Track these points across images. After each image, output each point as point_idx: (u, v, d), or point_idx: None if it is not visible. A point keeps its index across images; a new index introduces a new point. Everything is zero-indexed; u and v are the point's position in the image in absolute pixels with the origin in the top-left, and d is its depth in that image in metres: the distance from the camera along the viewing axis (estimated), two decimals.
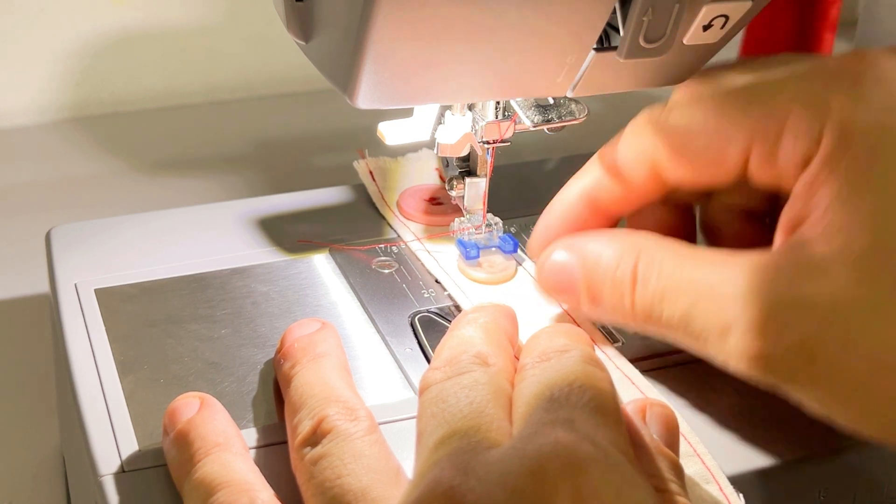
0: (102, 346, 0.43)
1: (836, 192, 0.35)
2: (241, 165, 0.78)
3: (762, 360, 0.35)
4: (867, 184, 0.34)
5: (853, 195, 0.34)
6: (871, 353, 0.34)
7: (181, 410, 0.38)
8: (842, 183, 0.35)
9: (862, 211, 0.34)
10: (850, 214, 0.34)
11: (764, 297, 0.35)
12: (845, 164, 0.35)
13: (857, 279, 0.34)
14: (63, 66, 0.83)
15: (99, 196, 0.74)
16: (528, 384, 0.35)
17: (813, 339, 0.34)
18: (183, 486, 0.36)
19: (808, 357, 0.35)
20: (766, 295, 0.35)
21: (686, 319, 0.37)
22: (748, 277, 0.36)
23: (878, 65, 0.36)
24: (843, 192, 0.35)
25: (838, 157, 0.35)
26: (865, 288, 0.34)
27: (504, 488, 0.30)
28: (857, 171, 0.35)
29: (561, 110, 0.47)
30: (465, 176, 0.49)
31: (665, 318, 0.38)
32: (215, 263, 0.49)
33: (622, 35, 0.40)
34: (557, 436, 0.31)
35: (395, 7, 0.36)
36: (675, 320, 0.38)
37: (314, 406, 0.37)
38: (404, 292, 0.47)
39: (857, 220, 0.34)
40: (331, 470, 0.34)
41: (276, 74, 0.89)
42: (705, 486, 0.37)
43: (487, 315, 0.40)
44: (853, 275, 0.34)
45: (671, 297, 0.38)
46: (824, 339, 0.34)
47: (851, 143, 0.35)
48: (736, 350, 0.36)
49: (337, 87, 0.41)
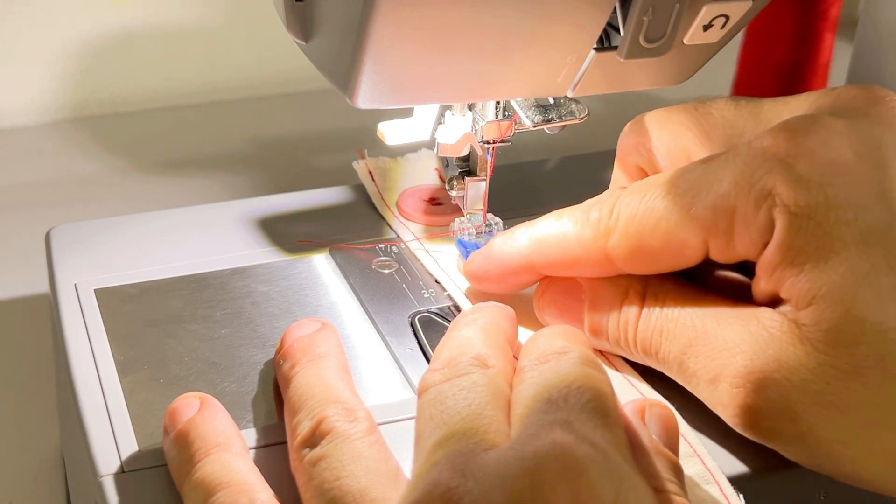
0: (102, 347, 0.43)
1: (799, 270, 0.36)
2: (241, 165, 0.78)
3: (748, 412, 0.37)
4: (827, 259, 0.36)
5: (816, 271, 0.36)
6: (852, 413, 0.35)
7: (181, 410, 0.38)
8: (804, 261, 0.36)
9: (827, 284, 0.35)
10: (817, 289, 0.36)
11: (751, 355, 0.37)
12: (801, 243, 0.36)
13: (833, 351, 0.35)
14: (63, 66, 0.83)
15: (99, 196, 0.74)
16: (527, 386, 0.35)
17: (796, 398, 0.36)
18: (183, 485, 0.36)
19: (791, 416, 0.36)
20: (754, 353, 0.36)
21: (681, 360, 0.39)
22: (739, 332, 0.37)
23: (808, 139, 0.37)
24: (808, 268, 0.36)
25: (791, 239, 0.36)
26: (843, 357, 0.35)
27: (502, 490, 0.30)
28: (815, 248, 0.36)
29: (561, 110, 0.47)
30: (465, 176, 0.49)
31: (662, 355, 0.40)
32: (215, 263, 0.49)
33: (622, 35, 0.39)
34: (555, 437, 0.31)
35: (395, 7, 0.36)
36: (670, 358, 0.39)
37: (313, 407, 0.37)
38: (404, 292, 0.47)
39: (824, 293, 0.35)
40: (330, 471, 0.34)
41: (276, 74, 0.89)
42: (705, 486, 0.37)
43: (486, 316, 0.40)
44: (830, 347, 0.35)
45: (670, 335, 0.39)
46: (805, 399, 0.36)
47: (801, 226, 0.36)
48: (723, 400, 0.38)
49: (337, 87, 0.41)
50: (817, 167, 0.36)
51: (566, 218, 0.42)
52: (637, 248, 0.40)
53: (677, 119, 0.42)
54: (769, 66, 0.74)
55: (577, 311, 0.42)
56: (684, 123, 0.42)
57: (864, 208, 0.36)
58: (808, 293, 0.36)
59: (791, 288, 0.36)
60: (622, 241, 0.40)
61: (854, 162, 0.37)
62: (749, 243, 0.37)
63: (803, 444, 0.37)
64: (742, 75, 0.76)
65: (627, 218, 0.40)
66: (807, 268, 0.36)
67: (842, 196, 0.36)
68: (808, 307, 0.36)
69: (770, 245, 0.37)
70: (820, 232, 0.36)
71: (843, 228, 0.36)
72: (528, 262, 0.43)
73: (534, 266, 0.43)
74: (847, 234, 0.36)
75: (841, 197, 0.36)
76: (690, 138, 0.42)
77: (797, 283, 0.36)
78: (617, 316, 0.41)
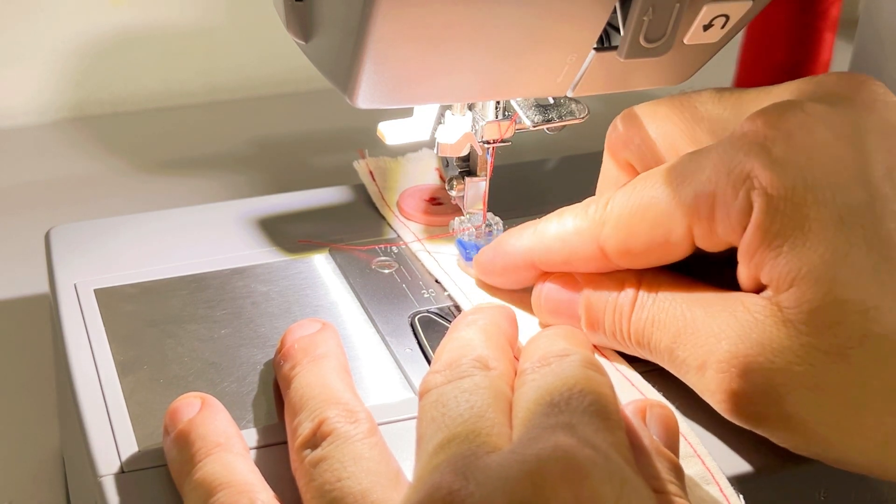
0: (102, 347, 0.43)
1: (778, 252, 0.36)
2: (241, 165, 0.78)
3: (733, 397, 0.37)
4: (805, 240, 0.36)
5: (794, 253, 0.36)
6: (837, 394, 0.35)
7: (182, 410, 0.38)
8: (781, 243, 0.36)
9: (807, 265, 0.35)
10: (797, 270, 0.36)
11: (736, 340, 0.37)
12: (778, 226, 0.36)
13: (816, 333, 0.35)
14: (63, 66, 0.83)
15: (99, 196, 0.74)
16: (528, 389, 0.35)
17: (780, 381, 0.36)
18: (183, 485, 0.36)
19: (776, 399, 0.36)
20: (738, 338, 0.37)
21: (671, 348, 0.39)
22: (726, 319, 0.37)
23: (785, 122, 0.37)
24: (786, 250, 0.36)
25: (769, 222, 0.36)
26: (826, 338, 0.35)
27: (504, 493, 0.30)
28: (793, 230, 0.36)
29: (561, 110, 0.47)
30: (465, 176, 0.49)
31: (654, 345, 0.40)
32: (215, 263, 0.49)
33: (622, 35, 0.39)
34: (557, 440, 0.31)
35: (395, 7, 0.36)
36: (661, 348, 0.39)
37: (314, 408, 0.37)
38: (404, 292, 0.47)
39: (804, 274, 0.35)
40: (331, 472, 0.34)
41: (276, 74, 0.89)
42: (706, 486, 0.37)
43: (487, 317, 0.40)
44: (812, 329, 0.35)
45: (661, 325, 0.39)
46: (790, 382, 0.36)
47: (779, 207, 0.36)
48: (710, 386, 0.38)
49: (337, 87, 0.41)
50: (794, 149, 0.36)
51: (567, 213, 0.43)
52: (627, 238, 0.40)
53: (664, 114, 0.43)
54: (769, 66, 0.74)
55: (573, 306, 0.43)
56: (670, 118, 0.43)
57: (843, 189, 0.36)
58: (787, 275, 0.36)
59: (771, 271, 0.36)
60: (613, 231, 0.40)
61: (832, 143, 0.37)
62: (730, 228, 0.37)
63: (789, 427, 0.37)
64: (742, 75, 0.76)
65: (619, 209, 0.40)
66: (784, 249, 0.36)
67: (819, 177, 0.36)
68: (789, 289, 0.36)
69: (749, 228, 0.37)
70: (797, 214, 0.36)
71: (821, 209, 0.36)
72: (529, 256, 0.44)
73: (534, 261, 0.43)
74: (825, 215, 0.36)
75: (818, 178, 0.36)
76: (678, 133, 0.42)
77: (777, 265, 0.36)
78: (613, 309, 0.41)
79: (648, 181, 0.40)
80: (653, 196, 0.39)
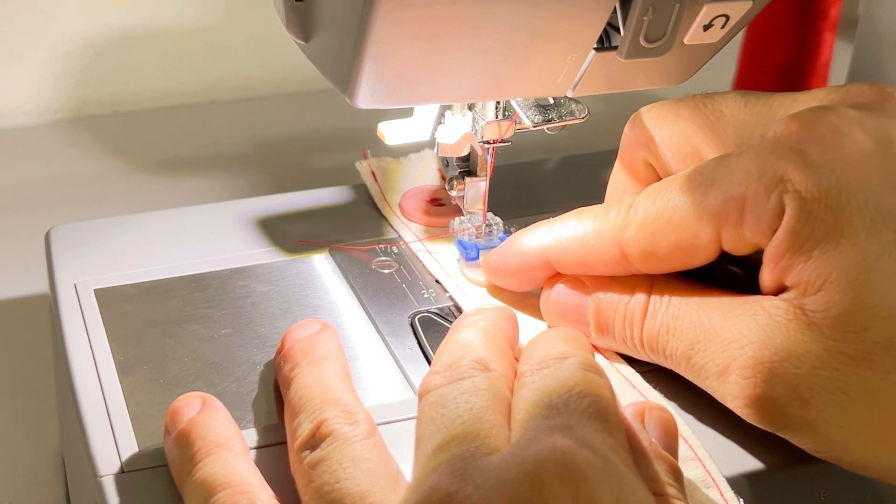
0: (102, 347, 0.43)
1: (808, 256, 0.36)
2: (241, 165, 0.78)
3: (757, 402, 0.37)
4: (837, 244, 0.35)
5: (825, 257, 0.36)
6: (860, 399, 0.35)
7: (183, 410, 0.38)
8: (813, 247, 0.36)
9: (837, 269, 0.35)
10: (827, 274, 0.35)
11: (760, 346, 0.36)
12: (810, 229, 0.36)
13: (842, 337, 0.35)
14: (63, 66, 0.83)
15: (99, 196, 0.74)
16: (528, 391, 0.35)
17: (805, 385, 0.36)
18: (184, 485, 0.36)
19: (800, 403, 0.36)
20: (762, 343, 0.36)
21: (689, 355, 0.39)
22: (746, 323, 0.37)
23: (819, 126, 0.37)
24: (817, 254, 0.36)
25: (801, 225, 0.36)
26: (852, 342, 0.35)
27: (502, 495, 0.30)
28: (825, 234, 0.36)
29: (561, 110, 0.47)
30: (465, 176, 0.49)
31: (669, 351, 0.39)
32: (215, 263, 0.49)
33: (622, 35, 0.39)
34: (555, 442, 0.31)
35: (395, 7, 0.36)
36: (678, 354, 0.39)
37: (313, 409, 0.37)
38: (404, 292, 0.47)
39: (834, 279, 0.35)
40: (329, 474, 0.34)
41: (276, 74, 0.89)
42: (705, 490, 0.37)
43: (488, 318, 0.40)
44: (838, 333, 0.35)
45: (676, 331, 0.39)
46: (814, 386, 0.35)
47: (812, 210, 0.36)
48: (733, 391, 0.38)
49: (337, 87, 0.41)
50: (829, 153, 0.36)
51: (587, 215, 0.42)
52: (652, 241, 0.40)
53: (687, 116, 0.42)
54: (769, 66, 0.74)
55: (582, 311, 0.42)
56: (694, 121, 0.42)
57: (876, 193, 0.36)
58: (817, 279, 0.36)
59: (800, 274, 0.36)
60: (637, 234, 0.40)
61: (866, 148, 0.37)
62: (759, 231, 0.37)
63: (812, 431, 0.36)
64: (742, 75, 0.76)
65: (644, 213, 0.40)
66: (815, 253, 0.36)
67: (854, 181, 0.36)
68: (817, 293, 0.36)
69: (779, 231, 0.37)
70: (831, 217, 0.36)
71: (854, 213, 0.36)
72: (545, 256, 0.43)
73: (549, 261, 0.43)
74: (858, 219, 0.35)
75: (853, 182, 0.36)
76: (701, 137, 0.42)
77: (806, 269, 0.36)
78: (623, 314, 0.41)
79: (674, 184, 0.40)
80: (680, 199, 0.39)
